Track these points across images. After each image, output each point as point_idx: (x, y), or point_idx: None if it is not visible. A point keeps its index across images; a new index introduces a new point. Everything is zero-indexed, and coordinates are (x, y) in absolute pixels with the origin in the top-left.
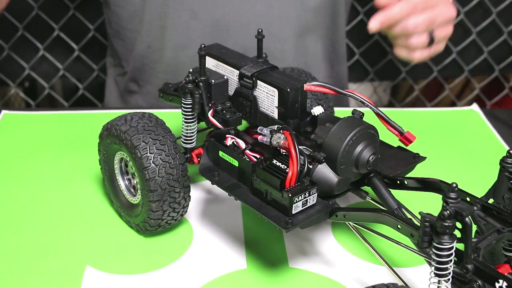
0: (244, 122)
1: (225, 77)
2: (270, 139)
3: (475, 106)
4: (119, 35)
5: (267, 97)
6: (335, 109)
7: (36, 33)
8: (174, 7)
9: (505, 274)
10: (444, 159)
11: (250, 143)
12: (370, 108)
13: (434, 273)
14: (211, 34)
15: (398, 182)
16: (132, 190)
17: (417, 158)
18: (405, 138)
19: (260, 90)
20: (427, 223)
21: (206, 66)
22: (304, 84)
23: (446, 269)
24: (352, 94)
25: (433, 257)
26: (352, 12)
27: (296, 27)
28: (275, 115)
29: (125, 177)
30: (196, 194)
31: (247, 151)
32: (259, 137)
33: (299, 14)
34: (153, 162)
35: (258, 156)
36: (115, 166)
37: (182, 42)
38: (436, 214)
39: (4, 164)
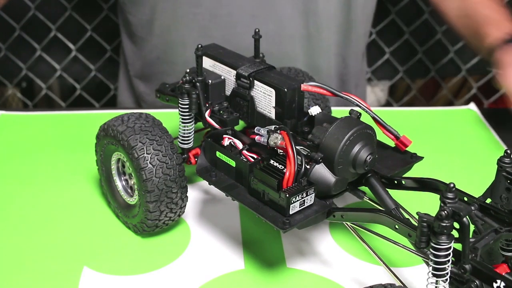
0: (241, 122)
1: (222, 77)
2: (267, 139)
3: (472, 105)
4: (131, 38)
5: (264, 97)
6: (333, 109)
7: (33, 34)
8: (184, 23)
9: (503, 274)
10: (441, 159)
11: (247, 143)
12: (366, 111)
13: (432, 273)
14: None
15: (396, 182)
16: (129, 190)
17: (415, 158)
18: (401, 142)
19: (257, 90)
20: (425, 223)
21: (203, 66)
22: (301, 84)
23: (444, 269)
24: (348, 97)
25: (431, 257)
26: None
27: (307, 46)
28: (272, 115)
29: (122, 178)
30: (194, 194)
31: (244, 152)
32: (256, 137)
33: (310, 34)
34: (150, 162)
35: (255, 157)
36: (112, 166)
37: (192, 58)
38: (433, 214)
39: (1, 165)
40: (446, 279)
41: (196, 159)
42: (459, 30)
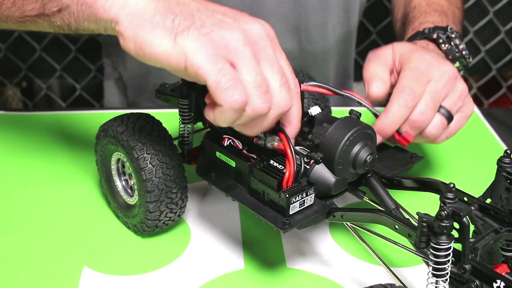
0: None
1: None
2: (264, 141)
3: None
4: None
5: None
6: (333, 108)
7: (33, 34)
8: None
9: (503, 274)
10: (441, 159)
11: (247, 143)
12: (368, 108)
13: (432, 273)
14: None
15: (396, 182)
16: (129, 190)
17: (415, 158)
18: (403, 138)
19: None
20: (425, 224)
21: None
22: (301, 84)
23: (444, 269)
24: (349, 95)
25: (431, 257)
26: None
27: (300, 59)
28: None
29: (122, 178)
30: (193, 194)
31: (244, 152)
32: (255, 139)
33: (303, 48)
34: (150, 163)
35: (255, 157)
36: (112, 167)
37: None
38: (433, 214)
39: (1, 165)
40: (446, 279)
41: (196, 159)
42: (397, 36)
